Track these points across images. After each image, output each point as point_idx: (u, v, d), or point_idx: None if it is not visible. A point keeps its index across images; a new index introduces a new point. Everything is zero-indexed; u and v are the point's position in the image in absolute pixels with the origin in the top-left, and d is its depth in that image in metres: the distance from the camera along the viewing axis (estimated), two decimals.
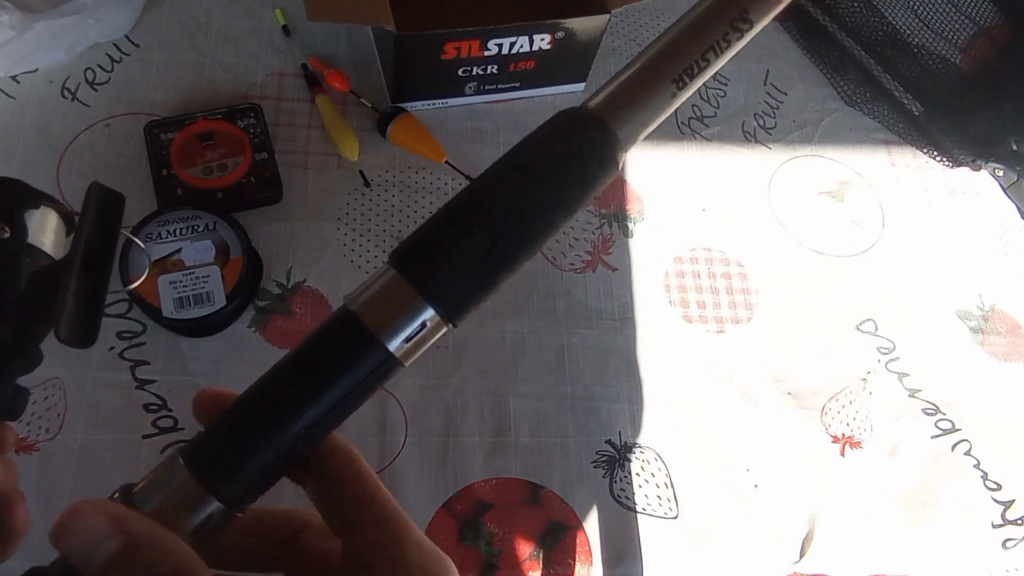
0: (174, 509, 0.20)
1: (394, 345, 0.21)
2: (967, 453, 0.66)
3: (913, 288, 0.74)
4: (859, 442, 0.65)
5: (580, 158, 0.22)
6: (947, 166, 0.83)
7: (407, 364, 0.22)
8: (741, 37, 0.22)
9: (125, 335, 0.57)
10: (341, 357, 0.21)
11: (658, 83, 0.22)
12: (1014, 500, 0.64)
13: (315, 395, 0.21)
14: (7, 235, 0.27)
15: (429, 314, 0.21)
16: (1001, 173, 0.83)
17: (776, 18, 0.23)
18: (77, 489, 0.52)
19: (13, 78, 0.66)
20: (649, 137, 0.81)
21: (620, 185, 0.74)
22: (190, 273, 0.56)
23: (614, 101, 0.23)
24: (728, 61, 0.22)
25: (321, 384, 0.21)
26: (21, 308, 0.27)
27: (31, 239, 0.28)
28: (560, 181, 0.22)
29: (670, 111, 0.23)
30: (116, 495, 0.21)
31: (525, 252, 0.22)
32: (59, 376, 0.55)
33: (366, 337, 0.21)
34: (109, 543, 0.18)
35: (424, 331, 0.21)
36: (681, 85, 0.22)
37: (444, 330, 0.22)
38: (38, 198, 0.28)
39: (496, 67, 0.70)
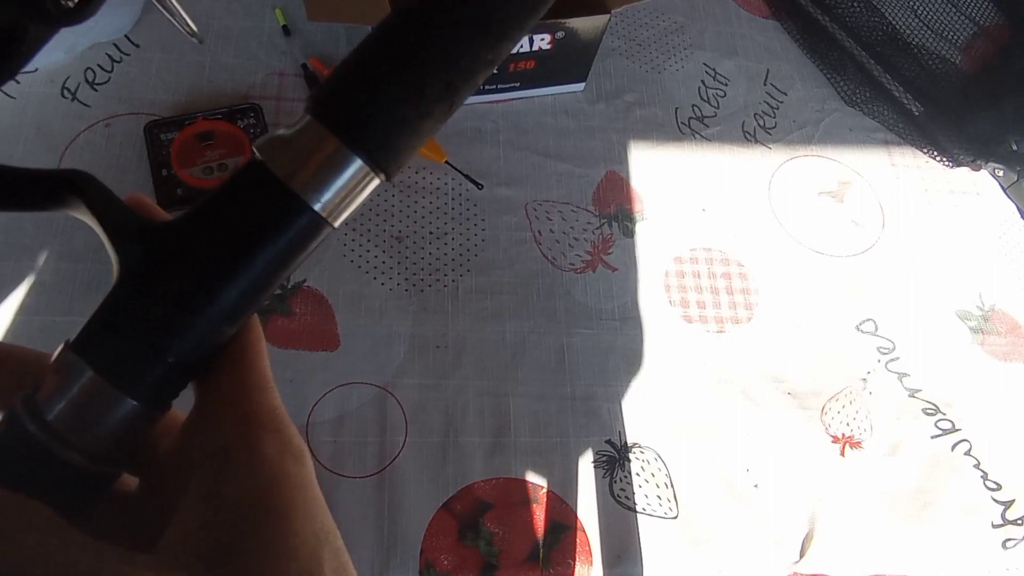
0: (84, 414, 0.18)
1: (320, 205, 0.19)
2: (967, 453, 0.66)
3: (913, 288, 0.74)
4: (859, 442, 0.65)
5: None
6: (947, 166, 0.83)
7: (337, 224, 0.20)
8: None
9: None
10: (265, 223, 0.18)
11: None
12: (1014, 500, 0.64)
13: (240, 268, 0.18)
14: None
15: (357, 166, 0.19)
16: (1001, 173, 0.83)
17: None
18: None
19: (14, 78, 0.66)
20: (649, 137, 0.81)
21: (620, 185, 0.74)
22: None
23: None
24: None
25: (245, 255, 0.18)
26: None
27: None
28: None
29: None
30: (19, 403, 0.18)
31: (468, 94, 0.20)
32: None
33: (289, 199, 0.18)
34: None
35: (353, 185, 0.19)
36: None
37: (375, 182, 0.20)
38: None
39: (496, 67, 0.70)
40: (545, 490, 0.58)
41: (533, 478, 0.59)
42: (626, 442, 0.61)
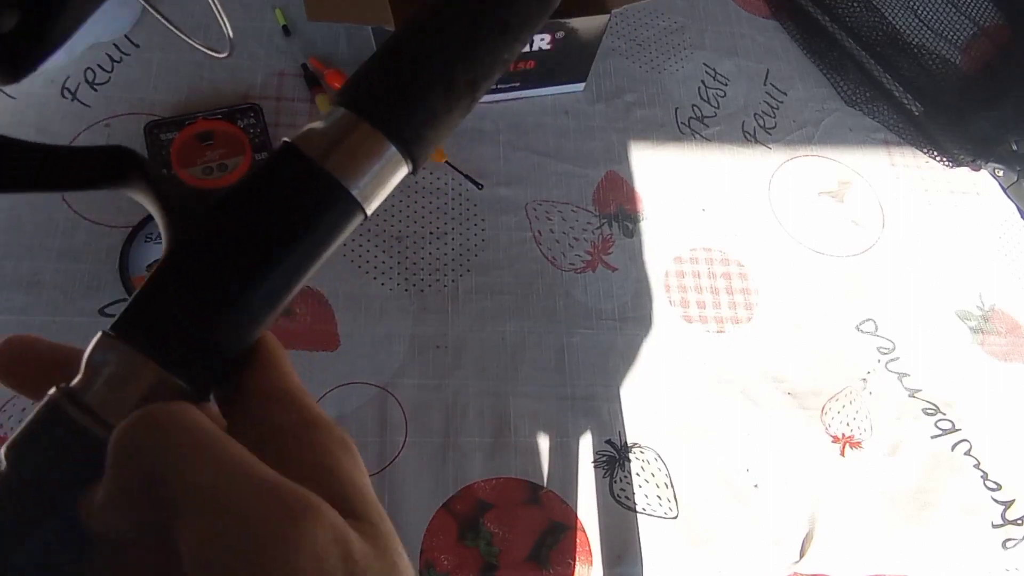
0: (127, 397, 0.17)
1: (356, 190, 0.20)
2: (967, 453, 0.66)
3: (913, 288, 0.74)
4: (859, 442, 0.65)
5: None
6: (947, 166, 0.83)
7: (369, 212, 0.20)
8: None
9: None
10: (306, 206, 0.19)
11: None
12: (1014, 500, 0.64)
13: (283, 250, 0.19)
14: None
15: (391, 152, 0.20)
16: (1001, 173, 0.83)
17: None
18: None
19: None
20: (649, 137, 0.80)
21: (620, 185, 0.74)
22: None
23: None
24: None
25: (288, 238, 0.19)
26: None
27: None
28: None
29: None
30: (55, 392, 0.18)
31: (486, 91, 0.22)
32: None
33: (328, 182, 0.19)
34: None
35: (386, 172, 0.20)
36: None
37: (404, 171, 0.21)
38: None
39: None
40: (545, 490, 0.58)
41: (533, 478, 0.59)
42: (626, 442, 0.61)
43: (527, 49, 0.69)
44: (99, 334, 0.18)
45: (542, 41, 0.68)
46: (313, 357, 0.60)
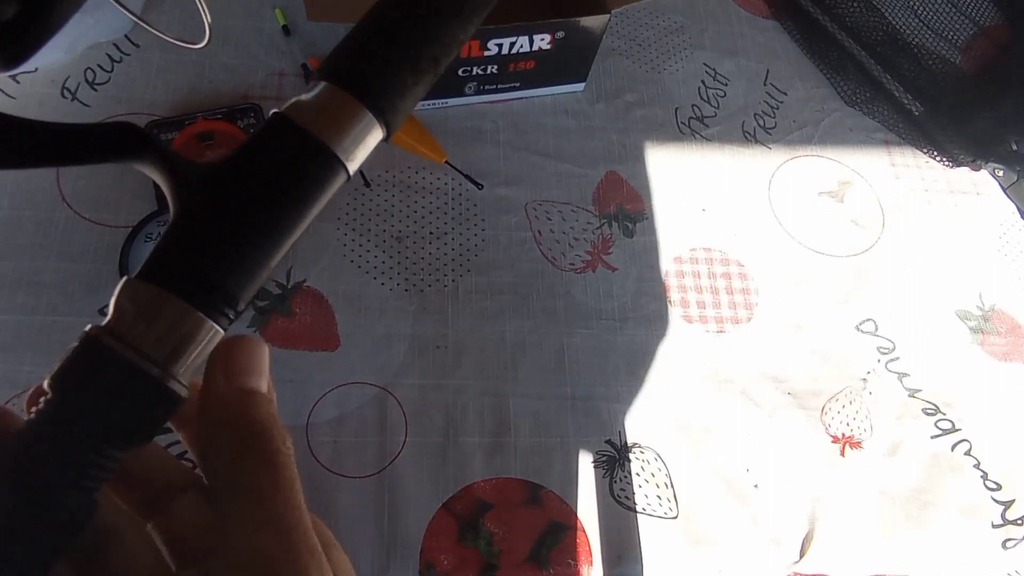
0: (157, 331, 0.19)
1: (340, 150, 0.22)
2: (967, 453, 0.66)
3: (913, 288, 0.74)
4: (859, 442, 0.65)
5: None
6: (947, 166, 0.83)
7: (351, 172, 0.23)
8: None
9: None
10: (296, 165, 0.22)
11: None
12: (1014, 500, 0.64)
13: (278, 204, 0.21)
14: None
15: (368, 118, 0.23)
16: (1001, 173, 0.83)
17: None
18: None
19: (13, 78, 0.66)
20: (649, 137, 0.80)
21: (620, 185, 0.74)
22: None
23: None
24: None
25: (283, 193, 0.22)
26: None
27: None
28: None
29: None
30: (89, 328, 0.19)
31: (445, 67, 0.25)
32: None
33: (316, 145, 0.22)
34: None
35: (364, 135, 0.23)
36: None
37: (379, 136, 0.23)
38: None
39: (496, 67, 0.70)
40: (545, 490, 0.58)
41: (533, 478, 0.59)
42: (626, 442, 0.61)
43: (527, 49, 0.69)
44: (123, 279, 0.20)
45: (542, 41, 0.68)
46: (313, 357, 0.60)
